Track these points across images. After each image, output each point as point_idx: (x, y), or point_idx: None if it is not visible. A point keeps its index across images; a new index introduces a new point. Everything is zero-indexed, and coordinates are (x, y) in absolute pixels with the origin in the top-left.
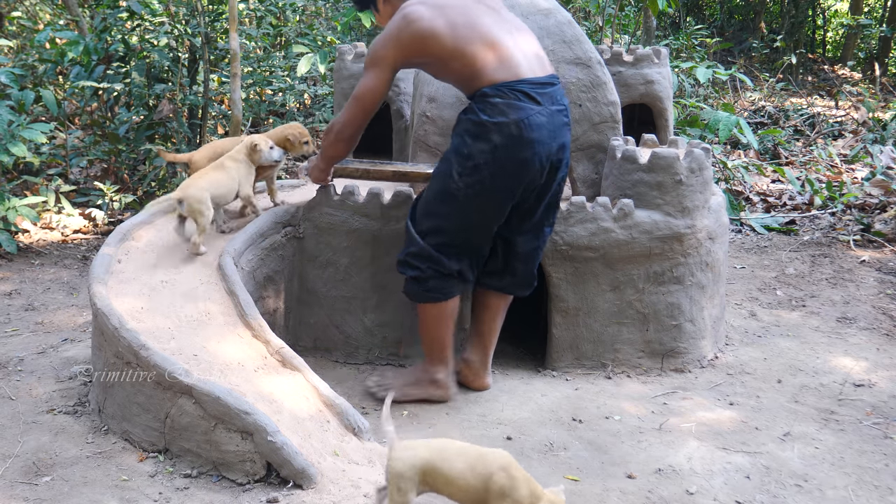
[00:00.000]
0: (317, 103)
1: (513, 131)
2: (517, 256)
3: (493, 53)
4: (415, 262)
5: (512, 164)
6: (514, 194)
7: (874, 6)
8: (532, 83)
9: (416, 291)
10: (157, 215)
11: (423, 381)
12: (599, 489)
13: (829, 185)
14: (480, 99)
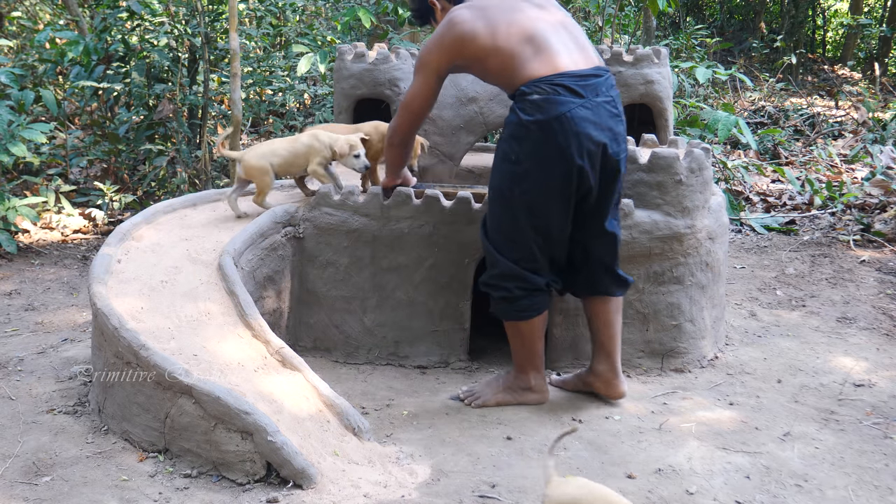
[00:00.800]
0: (317, 103)
1: (553, 128)
2: (596, 260)
3: (531, 49)
4: (502, 283)
5: (559, 163)
6: (569, 194)
7: (874, 6)
8: (573, 76)
9: (507, 311)
10: (157, 215)
11: (515, 388)
12: None
13: (829, 185)
14: (520, 98)
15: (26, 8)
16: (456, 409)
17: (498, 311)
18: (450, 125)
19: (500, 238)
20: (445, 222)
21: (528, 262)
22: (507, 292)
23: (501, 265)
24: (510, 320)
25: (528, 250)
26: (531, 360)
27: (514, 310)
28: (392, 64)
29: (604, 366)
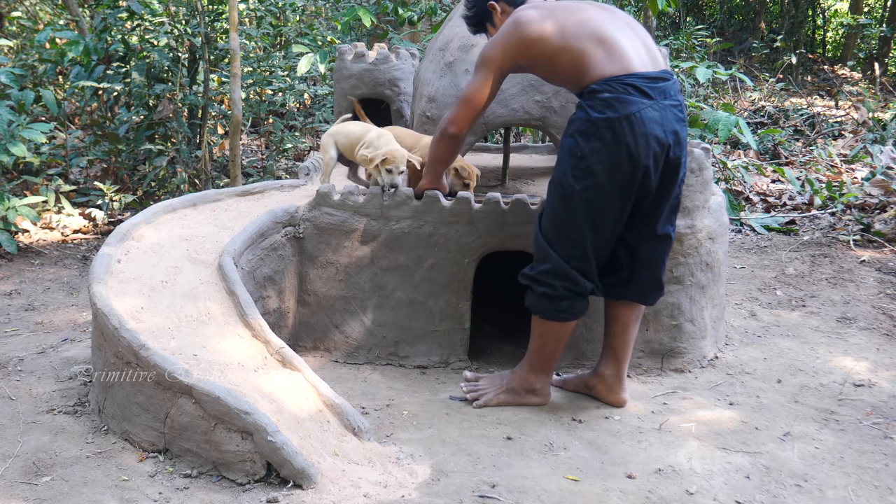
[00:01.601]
0: (317, 103)
1: (623, 127)
2: (642, 262)
3: (602, 49)
4: (548, 280)
5: (623, 162)
6: (630, 193)
7: (874, 6)
8: (643, 77)
9: (546, 309)
10: (157, 215)
11: (519, 390)
12: (599, 489)
13: (829, 185)
14: (589, 95)
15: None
16: (456, 409)
17: (535, 307)
18: None
19: (556, 233)
20: (445, 222)
21: (578, 262)
22: (551, 290)
23: (553, 261)
24: (546, 318)
25: (581, 248)
26: (547, 363)
27: (553, 309)
28: (392, 64)
29: (610, 371)
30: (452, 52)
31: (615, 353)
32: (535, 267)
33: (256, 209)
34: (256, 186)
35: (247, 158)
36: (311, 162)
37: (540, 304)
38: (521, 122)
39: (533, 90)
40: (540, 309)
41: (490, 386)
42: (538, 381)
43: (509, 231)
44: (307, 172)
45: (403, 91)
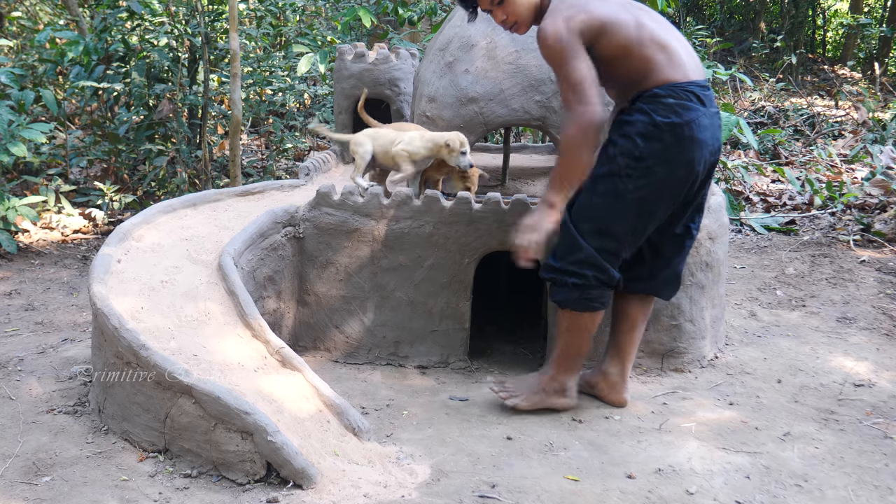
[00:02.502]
0: (317, 103)
1: (685, 132)
2: (664, 259)
3: (663, 54)
4: (579, 270)
5: (681, 166)
6: (679, 196)
7: (874, 6)
8: (698, 85)
9: (577, 299)
10: (157, 215)
11: (549, 390)
12: (599, 489)
13: (829, 185)
14: (651, 99)
15: (26, 8)
16: (456, 409)
17: (565, 300)
18: (450, 125)
19: (591, 226)
20: (445, 222)
21: (609, 255)
22: (582, 280)
23: (585, 251)
24: (578, 310)
25: (616, 244)
26: (576, 360)
27: (584, 298)
28: (392, 64)
29: (615, 369)
30: (452, 52)
31: (620, 352)
32: (562, 258)
33: (256, 209)
34: (256, 186)
35: (247, 158)
36: (311, 162)
37: (571, 295)
38: (521, 122)
39: (533, 90)
40: (570, 300)
41: (522, 386)
42: (568, 379)
43: (509, 231)
44: (307, 172)
45: (403, 91)
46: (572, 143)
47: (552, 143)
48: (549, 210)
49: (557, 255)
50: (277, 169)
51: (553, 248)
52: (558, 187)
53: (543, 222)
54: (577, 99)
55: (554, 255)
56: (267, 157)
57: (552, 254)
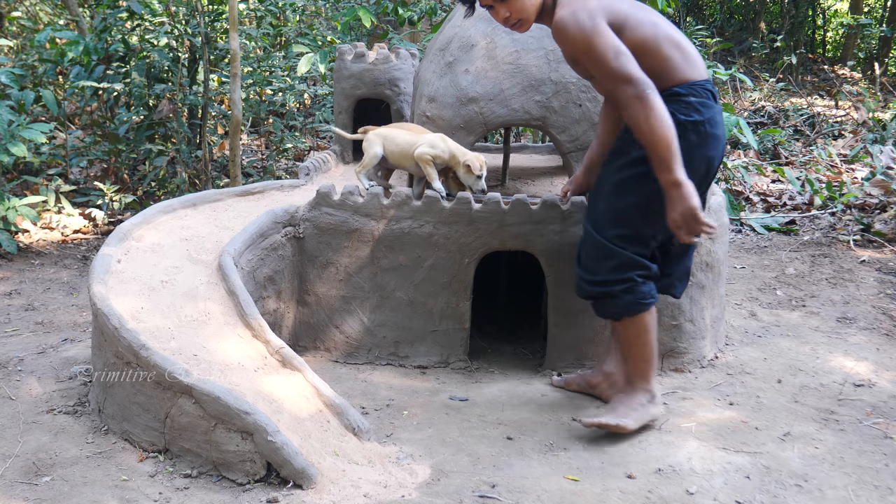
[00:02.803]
0: (317, 103)
1: (707, 129)
2: (675, 257)
3: (679, 53)
4: (622, 275)
5: (703, 163)
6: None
7: (874, 6)
8: (710, 82)
9: (632, 303)
10: (157, 215)
11: (645, 404)
12: (599, 489)
13: (829, 185)
14: (673, 98)
15: (26, 8)
16: (456, 409)
17: (620, 310)
18: (450, 125)
19: (620, 232)
20: (445, 222)
21: (643, 252)
22: (629, 283)
23: (620, 256)
24: (636, 313)
25: (645, 245)
26: (652, 360)
27: (637, 300)
28: (392, 64)
29: (617, 370)
30: (452, 52)
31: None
32: (598, 270)
33: (256, 209)
34: (256, 186)
35: (247, 158)
36: (311, 162)
37: (624, 301)
38: (521, 122)
39: (533, 90)
40: (626, 307)
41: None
42: (653, 385)
43: (509, 231)
44: (307, 172)
45: (403, 91)
46: (642, 119)
47: (552, 143)
48: (681, 188)
49: (591, 269)
50: (277, 169)
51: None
52: (669, 164)
53: (689, 201)
54: (623, 79)
55: (587, 271)
56: (267, 157)
57: (584, 271)
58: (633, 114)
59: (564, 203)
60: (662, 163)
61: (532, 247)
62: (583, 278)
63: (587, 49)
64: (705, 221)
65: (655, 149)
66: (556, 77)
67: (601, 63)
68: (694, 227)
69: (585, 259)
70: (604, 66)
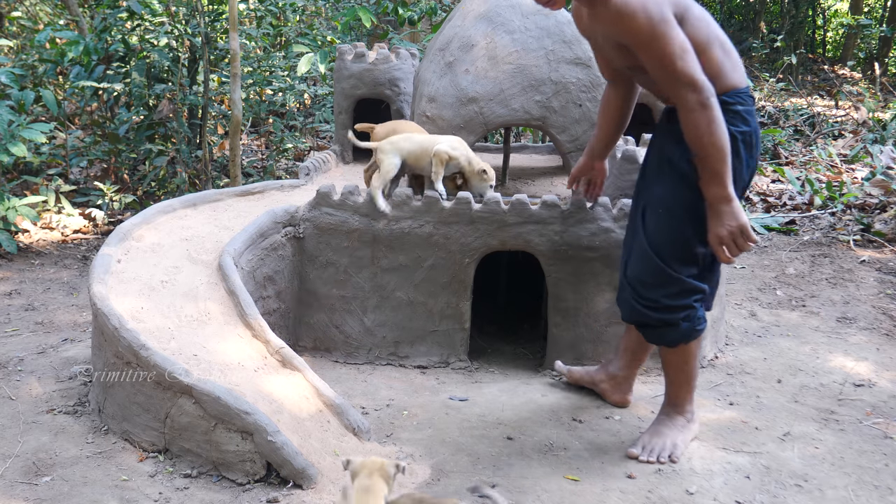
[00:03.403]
0: (317, 103)
1: (754, 141)
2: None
3: (727, 57)
4: (684, 301)
5: (749, 173)
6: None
7: (874, 6)
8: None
9: (690, 331)
10: (157, 215)
11: (686, 424)
12: (599, 489)
13: (829, 185)
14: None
15: (26, 8)
16: (456, 409)
17: (678, 336)
18: (450, 125)
19: (680, 255)
20: (445, 222)
21: (696, 273)
22: (689, 310)
23: (681, 283)
24: (693, 339)
25: (698, 265)
26: (695, 382)
27: (694, 327)
28: (392, 64)
29: (623, 372)
30: (452, 52)
31: (634, 355)
32: (657, 299)
33: (256, 209)
34: (256, 186)
35: (247, 158)
36: (311, 162)
37: (682, 329)
38: (521, 122)
39: (533, 90)
40: (684, 335)
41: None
42: (693, 405)
43: (509, 231)
44: (307, 172)
45: (403, 91)
46: (703, 129)
47: (552, 143)
48: (731, 203)
49: (649, 295)
50: (277, 169)
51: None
52: (723, 178)
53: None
54: (688, 83)
55: (644, 296)
56: (267, 157)
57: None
58: (695, 121)
59: (577, 193)
60: (716, 177)
61: (532, 247)
62: (641, 304)
63: (650, 42)
64: (755, 238)
65: (712, 161)
66: (556, 77)
67: (665, 61)
68: (742, 244)
69: (642, 284)
70: (667, 65)
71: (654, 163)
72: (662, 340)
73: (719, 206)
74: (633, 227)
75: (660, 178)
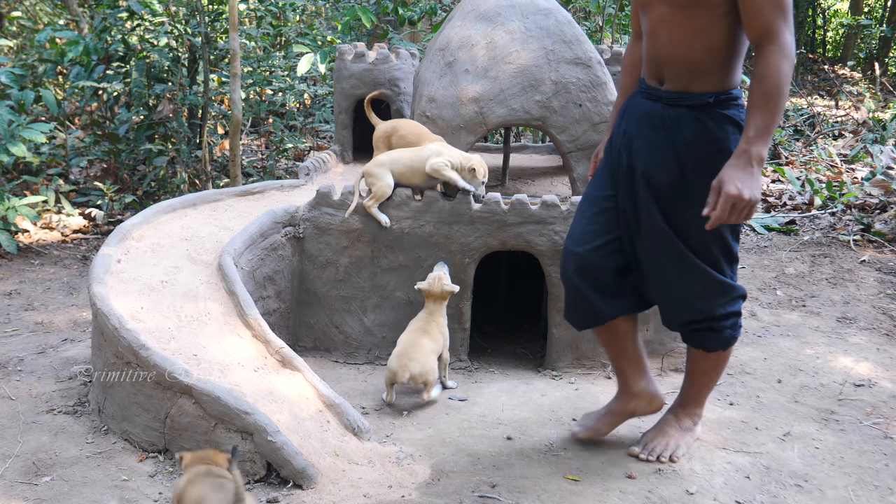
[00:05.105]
0: (317, 103)
1: None
2: None
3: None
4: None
5: None
6: None
7: (874, 6)
8: None
9: (731, 337)
10: (157, 215)
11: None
12: (599, 489)
13: (829, 185)
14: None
15: (26, 8)
16: (456, 409)
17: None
18: (450, 125)
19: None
20: (445, 222)
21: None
22: (738, 317)
23: (735, 288)
24: (731, 345)
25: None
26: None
27: (735, 333)
28: (392, 64)
29: (643, 383)
30: (452, 52)
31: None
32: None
33: (256, 209)
34: (256, 186)
35: (247, 158)
36: (311, 162)
37: (728, 335)
38: (521, 122)
39: (533, 90)
40: (727, 340)
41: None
42: (704, 410)
43: (509, 231)
44: (307, 172)
45: (403, 91)
46: (785, 80)
47: (552, 143)
48: (760, 168)
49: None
50: (277, 169)
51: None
52: (767, 137)
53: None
54: (786, 21)
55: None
56: (267, 157)
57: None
58: (783, 67)
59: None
60: (767, 133)
61: (532, 247)
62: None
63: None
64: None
65: (773, 114)
66: (556, 77)
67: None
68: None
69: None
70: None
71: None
72: (703, 345)
73: (752, 166)
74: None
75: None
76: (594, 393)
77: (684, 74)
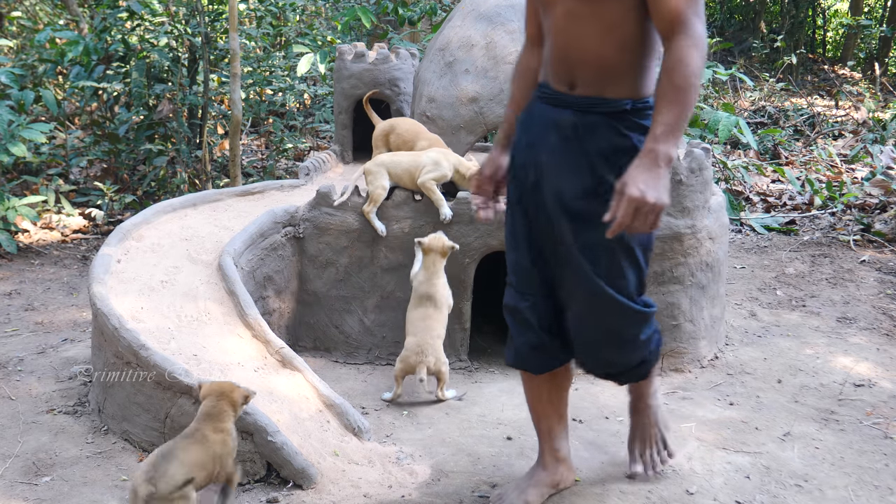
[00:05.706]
0: (317, 103)
1: None
2: None
3: None
4: (653, 329)
5: None
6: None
7: (874, 6)
8: None
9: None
10: (157, 215)
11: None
12: (599, 489)
13: (829, 185)
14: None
15: (26, 8)
16: (456, 409)
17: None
18: (450, 125)
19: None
20: (445, 222)
21: None
22: (658, 336)
23: (650, 313)
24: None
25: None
26: None
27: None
28: (392, 64)
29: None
30: (452, 52)
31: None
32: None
33: (256, 209)
34: (256, 186)
35: (247, 158)
36: (311, 162)
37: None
38: None
39: None
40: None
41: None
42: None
43: None
44: (307, 172)
45: (403, 91)
46: (696, 72)
47: None
48: (668, 169)
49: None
50: (277, 169)
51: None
52: (677, 134)
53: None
54: (696, 9)
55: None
56: (267, 157)
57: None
58: (693, 58)
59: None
60: (677, 130)
61: None
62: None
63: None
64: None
65: (684, 109)
66: None
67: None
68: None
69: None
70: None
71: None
72: (639, 377)
73: (659, 166)
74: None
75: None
76: (594, 393)
77: (598, 77)
